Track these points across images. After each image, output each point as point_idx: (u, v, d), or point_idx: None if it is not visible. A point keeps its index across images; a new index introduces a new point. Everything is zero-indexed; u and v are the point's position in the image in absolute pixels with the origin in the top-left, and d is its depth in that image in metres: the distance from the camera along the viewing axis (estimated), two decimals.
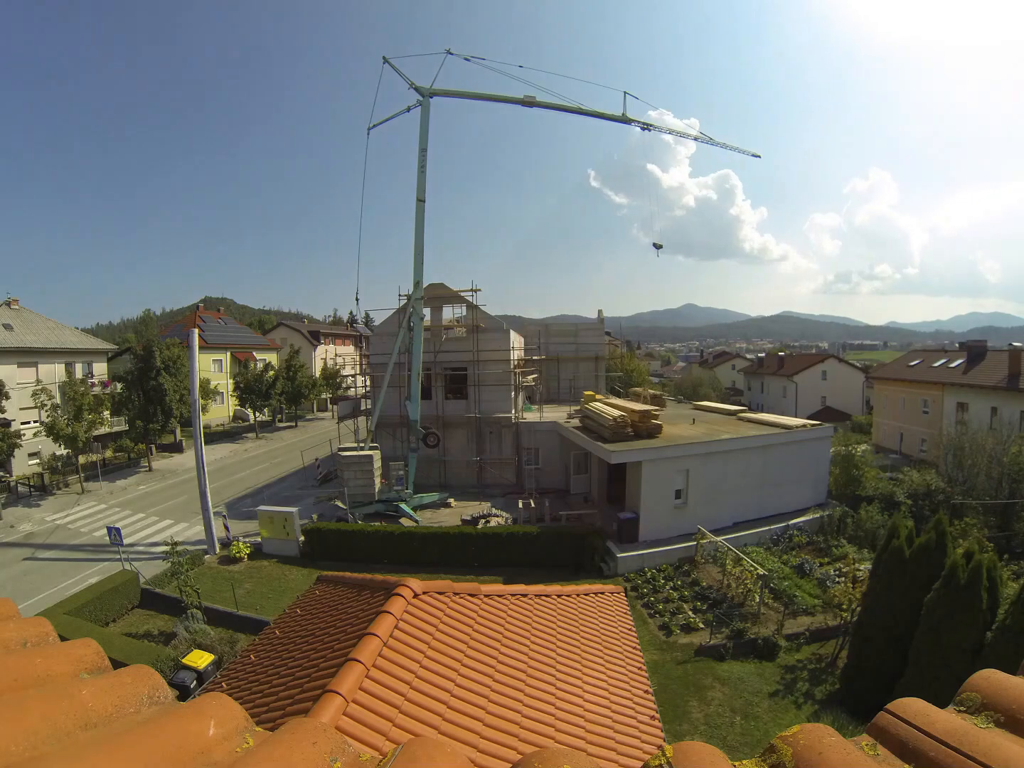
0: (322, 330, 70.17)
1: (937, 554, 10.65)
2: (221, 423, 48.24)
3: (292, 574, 18.45)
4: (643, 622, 14.81)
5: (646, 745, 4.66)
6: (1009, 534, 18.56)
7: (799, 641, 13.91)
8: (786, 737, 1.18)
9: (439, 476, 27.16)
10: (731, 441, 20.59)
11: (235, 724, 1.17)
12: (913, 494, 21.58)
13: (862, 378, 52.88)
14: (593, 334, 36.55)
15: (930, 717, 1.16)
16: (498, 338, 27.19)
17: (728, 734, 10.95)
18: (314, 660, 4.49)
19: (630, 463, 19.82)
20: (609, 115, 23.96)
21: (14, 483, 28.55)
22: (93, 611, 14.73)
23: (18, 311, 34.54)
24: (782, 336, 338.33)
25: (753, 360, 70.16)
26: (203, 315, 54.39)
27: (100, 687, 1.15)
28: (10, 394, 28.54)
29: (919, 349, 54.77)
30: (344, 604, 5.69)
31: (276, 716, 3.78)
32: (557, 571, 17.89)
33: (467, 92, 24.70)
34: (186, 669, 11.77)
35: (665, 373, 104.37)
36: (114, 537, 17.24)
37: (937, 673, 9.46)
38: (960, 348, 37.70)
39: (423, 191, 22.54)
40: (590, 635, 6.25)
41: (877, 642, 11.00)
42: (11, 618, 1.44)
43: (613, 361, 45.45)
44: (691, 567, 17.98)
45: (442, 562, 18.31)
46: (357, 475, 22.22)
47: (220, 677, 5.79)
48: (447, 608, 5.12)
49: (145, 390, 32.40)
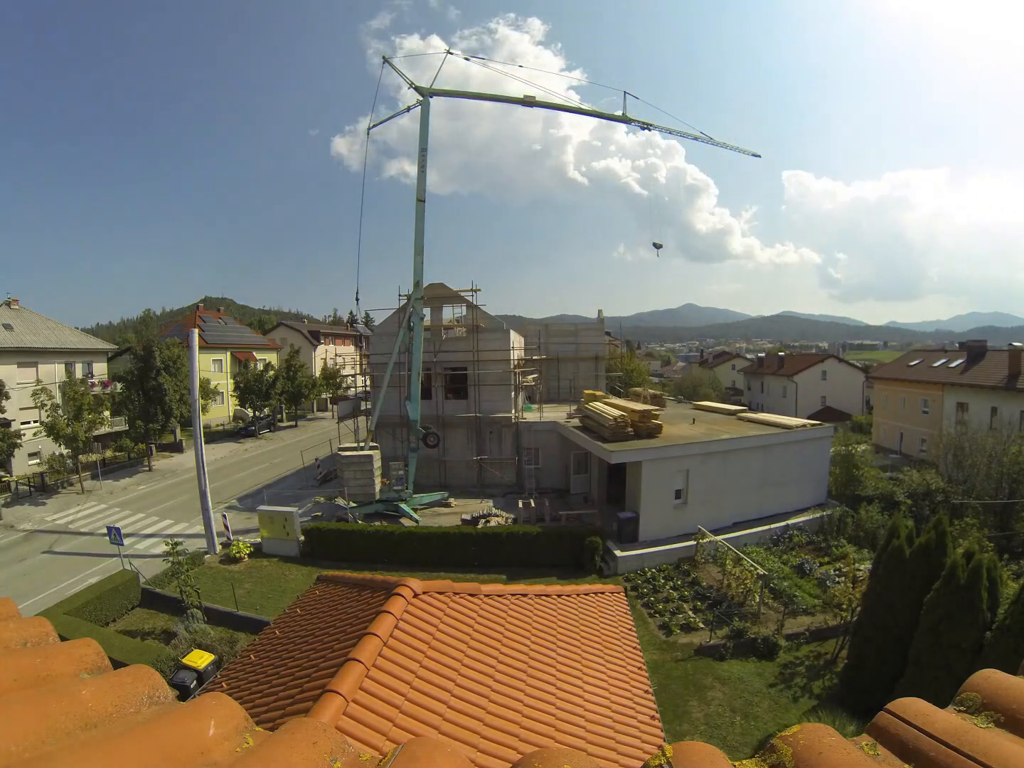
0: (322, 330, 70.18)
1: (937, 554, 10.64)
2: (221, 423, 48.24)
3: (292, 574, 18.45)
4: (643, 622, 14.81)
5: (646, 745, 4.65)
6: (1009, 534, 18.56)
7: (799, 641, 13.91)
8: (786, 737, 1.18)
9: (439, 476, 27.16)
10: (731, 441, 20.59)
11: (235, 724, 1.17)
12: (913, 494, 21.57)
13: (862, 378, 52.87)
14: (593, 334, 36.55)
15: (930, 717, 1.16)
16: (498, 338, 27.18)
17: (728, 734, 10.95)
18: (314, 660, 4.49)
19: (630, 463, 19.82)
20: (609, 115, 23.97)
21: (14, 483, 28.53)
22: (93, 611, 14.72)
23: (18, 311, 34.55)
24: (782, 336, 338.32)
25: (753, 360, 70.14)
26: (203, 315, 54.41)
27: (100, 687, 1.15)
28: (10, 394, 28.54)
29: (919, 349, 54.77)
30: (344, 604, 5.69)
31: (276, 716, 3.78)
32: (557, 571, 17.91)
33: (467, 92, 24.72)
34: (186, 669, 11.77)
35: (665, 373, 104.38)
36: (114, 537, 17.24)
37: (937, 673, 9.46)
38: (960, 348, 37.70)
39: (423, 191, 22.52)
40: (590, 635, 6.25)
41: (877, 642, 11.00)
42: (11, 618, 1.44)
43: (613, 361, 45.43)
44: (691, 567, 17.98)
45: (442, 562, 18.30)
46: (357, 475, 22.21)
47: (220, 677, 5.79)
48: (447, 608, 5.12)
49: (145, 390, 32.40)
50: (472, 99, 25.31)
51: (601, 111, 24.14)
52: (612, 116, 23.89)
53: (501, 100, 24.57)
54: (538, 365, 32.83)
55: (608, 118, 24.16)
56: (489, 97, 25.22)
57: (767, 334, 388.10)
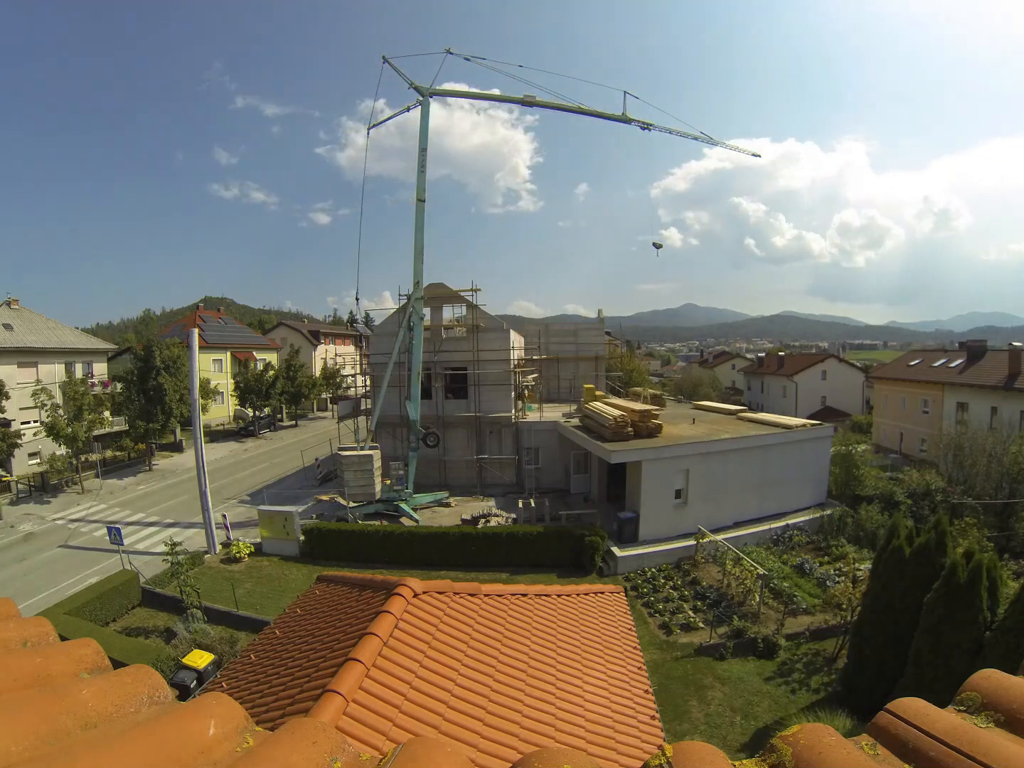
0: (322, 330, 70.12)
1: (937, 554, 10.64)
2: (221, 423, 48.22)
3: (292, 574, 18.45)
4: (643, 621, 14.81)
5: (646, 745, 4.66)
6: (1009, 534, 18.55)
7: (799, 640, 13.91)
8: (786, 737, 1.18)
9: (439, 476, 27.16)
10: (731, 441, 20.59)
11: (235, 724, 1.17)
12: (913, 494, 21.57)
13: (862, 378, 52.89)
14: (593, 334, 36.53)
15: (930, 717, 1.16)
16: (498, 338, 27.18)
17: (728, 734, 10.96)
18: (314, 660, 4.49)
19: (630, 463, 19.82)
20: (609, 115, 23.94)
21: (15, 483, 28.52)
22: (93, 611, 14.72)
23: (18, 311, 34.54)
24: (782, 336, 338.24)
25: (753, 360, 70.15)
26: (203, 315, 54.36)
27: (100, 687, 1.15)
28: (10, 394, 28.55)
29: (919, 349, 54.76)
30: (344, 604, 5.69)
31: (276, 716, 3.78)
32: (557, 571, 17.91)
33: (467, 92, 24.72)
34: (186, 669, 11.76)
35: (665, 373, 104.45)
36: (114, 537, 17.26)
37: (937, 673, 9.45)
38: (960, 348, 37.68)
39: (423, 191, 22.52)
40: (590, 635, 6.25)
41: (877, 642, 10.99)
42: (11, 618, 1.44)
43: (613, 361, 45.41)
44: (691, 566, 17.98)
45: (442, 562, 18.30)
46: (357, 475, 22.22)
47: (220, 677, 5.79)
48: (447, 608, 5.12)
49: (145, 390, 32.39)
50: (471, 99, 25.29)
51: (601, 111, 24.10)
52: (612, 116, 23.86)
53: (501, 100, 24.57)
54: (538, 365, 32.82)
55: (608, 118, 24.13)
56: (489, 97, 25.23)
57: (767, 334, 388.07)
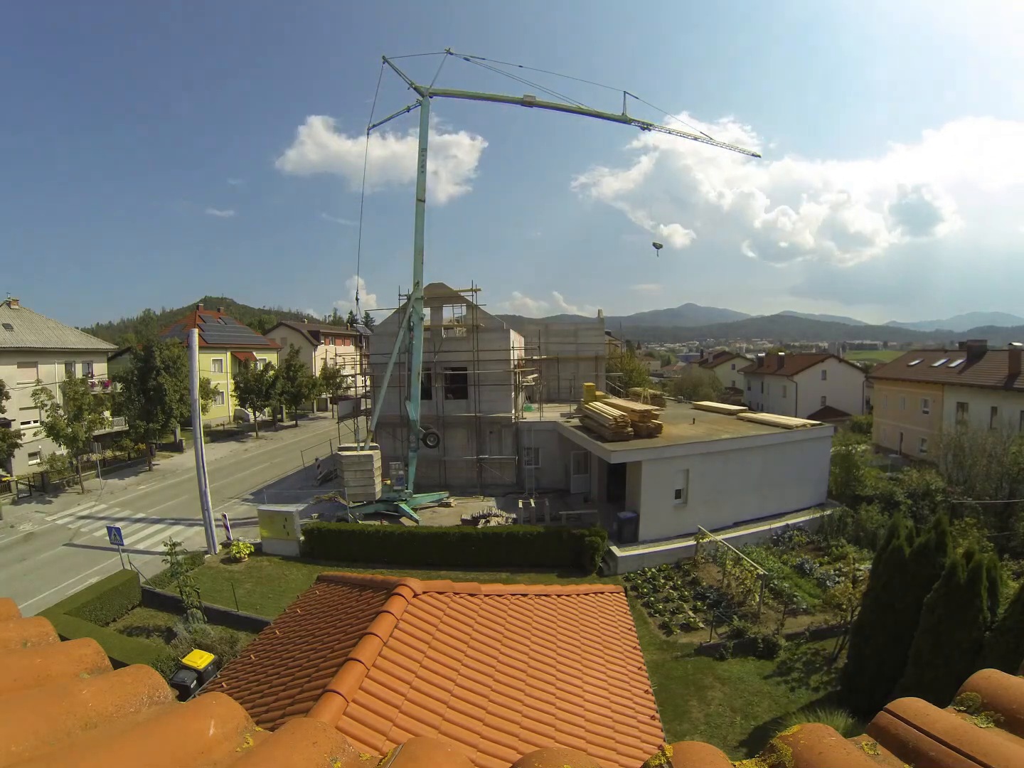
0: (322, 330, 70.13)
1: (937, 554, 10.64)
2: (221, 423, 48.22)
3: (292, 574, 18.45)
4: (643, 621, 14.81)
5: (646, 745, 4.65)
6: (1009, 534, 18.55)
7: (799, 640, 13.90)
8: (786, 737, 1.18)
9: (439, 476, 27.16)
10: (731, 441, 20.58)
11: (235, 724, 1.17)
12: (913, 494, 21.57)
13: (862, 378, 52.89)
14: (593, 334, 36.54)
15: (930, 717, 1.16)
16: (498, 338, 27.18)
17: (728, 734, 10.96)
18: (314, 660, 4.49)
19: (630, 463, 19.81)
20: (609, 115, 23.93)
21: (15, 483, 28.52)
22: (93, 611, 14.72)
23: (18, 311, 34.55)
24: (782, 336, 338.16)
25: (753, 360, 70.15)
26: (203, 315, 54.36)
27: (100, 687, 1.15)
28: (10, 394, 28.54)
29: (919, 349, 54.76)
30: (344, 604, 5.69)
31: (276, 716, 3.78)
32: (557, 571, 17.91)
33: (467, 92, 24.64)
34: (186, 669, 11.76)
35: (665, 373, 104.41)
36: (114, 537, 17.26)
37: (937, 673, 9.45)
38: (960, 348, 37.69)
39: (423, 191, 22.52)
40: (590, 635, 6.25)
41: (877, 642, 10.99)
42: (11, 618, 1.44)
43: (613, 361, 45.42)
44: (691, 567, 17.98)
45: (442, 562, 18.30)
46: (357, 475, 22.21)
47: (220, 677, 5.79)
48: (447, 608, 5.12)
49: (145, 390, 32.38)
50: (472, 99, 25.26)
51: (601, 111, 24.08)
52: (612, 116, 23.86)
53: (501, 100, 24.53)
54: (538, 365, 32.81)
55: (608, 118, 24.12)
56: (489, 97, 25.17)
57: (767, 334, 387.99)
